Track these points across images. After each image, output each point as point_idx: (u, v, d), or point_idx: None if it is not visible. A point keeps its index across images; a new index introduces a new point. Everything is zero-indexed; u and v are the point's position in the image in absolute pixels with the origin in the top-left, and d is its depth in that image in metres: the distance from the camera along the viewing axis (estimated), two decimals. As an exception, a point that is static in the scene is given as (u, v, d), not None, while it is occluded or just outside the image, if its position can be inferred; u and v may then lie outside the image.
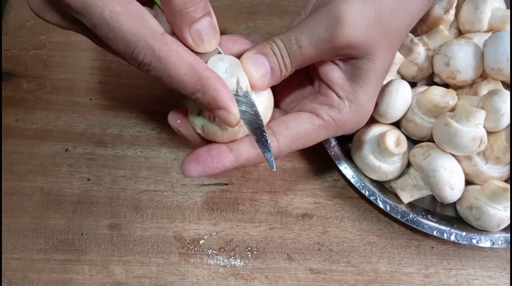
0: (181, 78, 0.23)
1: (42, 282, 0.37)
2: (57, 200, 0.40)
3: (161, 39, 0.23)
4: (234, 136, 0.28)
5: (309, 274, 0.38)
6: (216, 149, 0.28)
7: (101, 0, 0.22)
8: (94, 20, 0.22)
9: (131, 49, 0.23)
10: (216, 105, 0.24)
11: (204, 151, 0.28)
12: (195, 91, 0.24)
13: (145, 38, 0.22)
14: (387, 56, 0.29)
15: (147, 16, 0.23)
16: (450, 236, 0.37)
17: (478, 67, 0.38)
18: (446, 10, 0.41)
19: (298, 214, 0.40)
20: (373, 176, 0.39)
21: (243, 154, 0.28)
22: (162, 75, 0.23)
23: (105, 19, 0.22)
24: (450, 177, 0.35)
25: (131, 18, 0.22)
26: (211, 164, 0.27)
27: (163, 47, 0.23)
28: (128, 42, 0.23)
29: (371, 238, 0.40)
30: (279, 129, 0.29)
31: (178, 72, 0.23)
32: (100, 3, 0.22)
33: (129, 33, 0.22)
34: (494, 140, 0.37)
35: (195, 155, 0.28)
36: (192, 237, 0.39)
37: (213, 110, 0.25)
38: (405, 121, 0.40)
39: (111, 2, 0.22)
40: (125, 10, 0.22)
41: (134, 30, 0.22)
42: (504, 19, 0.41)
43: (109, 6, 0.22)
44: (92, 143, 0.42)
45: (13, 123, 0.42)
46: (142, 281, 0.37)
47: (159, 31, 0.23)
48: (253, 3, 0.50)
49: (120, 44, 0.23)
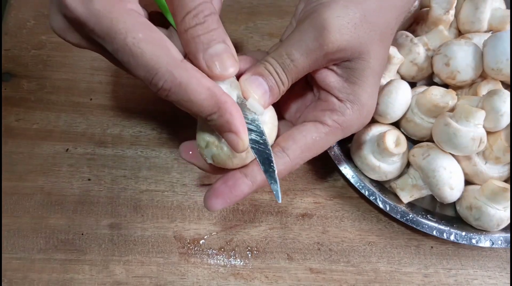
0: (200, 103, 0.24)
1: (42, 282, 0.37)
2: (57, 200, 0.40)
3: (181, 65, 0.24)
4: (243, 161, 0.28)
5: (309, 274, 0.38)
6: (232, 179, 0.28)
7: (125, 27, 0.23)
8: (117, 46, 0.23)
9: (152, 75, 0.24)
10: (229, 128, 0.25)
11: (221, 184, 0.28)
12: (212, 113, 0.25)
13: (166, 65, 0.23)
14: (380, 52, 0.29)
15: (168, 43, 0.24)
16: (450, 236, 0.37)
17: (478, 67, 0.38)
18: (446, 10, 0.41)
19: (298, 214, 0.40)
20: (372, 176, 0.39)
21: (258, 176, 0.28)
22: (181, 99, 0.24)
23: (128, 45, 0.23)
24: (449, 177, 0.35)
25: (153, 45, 0.23)
26: (230, 195, 0.28)
27: (184, 73, 0.24)
28: (150, 68, 0.23)
29: (371, 238, 0.40)
30: (287, 144, 0.29)
31: (198, 97, 0.24)
32: (124, 30, 0.23)
33: (151, 59, 0.23)
34: (493, 140, 0.37)
35: (213, 190, 0.28)
36: (192, 237, 0.39)
37: (224, 132, 0.25)
38: (404, 121, 0.40)
39: (134, 29, 0.23)
40: (147, 37, 0.23)
41: (156, 57, 0.23)
42: (504, 19, 0.41)
43: (132, 33, 0.23)
44: (92, 143, 0.42)
45: (13, 123, 0.42)
46: (142, 280, 0.37)
47: (179, 58, 0.24)
48: (253, 4, 0.50)
49: (141, 70, 0.24)
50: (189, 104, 0.24)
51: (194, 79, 0.24)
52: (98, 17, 0.23)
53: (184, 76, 0.24)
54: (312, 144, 0.29)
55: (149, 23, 0.24)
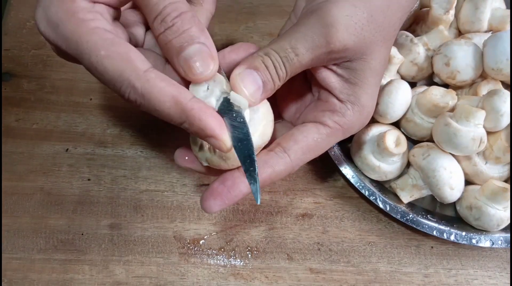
0: (167, 112, 0.24)
1: (42, 282, 0.37)
2: (57, 200, 0.40)
3: (143, 76, 0.24)
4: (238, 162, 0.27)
5: (309, 274, 0.38)
6: (231, 179, 0.28)
7: (89, 47, 0.24)
8: (86, 64, 0.24)
9: (118, 89, 0.24)
10: (205, 134, 0.24)
11: (219, 184, 0.28)
12: (182, 122, 0.24)
13: (128, 78, 0.23)
14: (381, 53, 0.29)
15: (132, 54, 0.24)
16: (450, 236, 0.37)
17: (478, 67, 0.38)
18: (446, 10, 0.41)
19: (298, 214, 0.40)
20: (373, 176, 0.39)
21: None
22: (149, 110, 0.24)
23: (93, 64, 0.24)
24: (449, 177, 0.35)
25: (115, 60, 0.24)
26: (228, 195, 0.27)
27: (145, 84, 0.23)
28: (115, 82, 0.24)
29: (371, 238, 0.40)
30: (288, 145, 0.29)
31: (162, 106, 0.24)
32: (87, 49, 0.24)
33: (114, 74, 0.24)
34: (493, 140, 0.37)
35: (210, 191, 0.28)
36: (192, 237, 0.39)
37: (203, 138, 0.25)
38: (404, 121, 0.40)
39: (97, 47, 0.24)
40: (110, 53, 0.24)
41: (118, 71, 0.24)
42: (504, 19, 0.41)
43: (95, 51, 0.24)
44: (92, 143, 0.42)
45: (13, 123, 0.42)
46: (142, 281, 0.37)
47: (142, 68, 0.24)
48: (253, 4, 0.50)
49: (110, 85, 0.24)
50: (158, 113, 0.24)
51: (155, 89, 0.24)
52: (66, 40, 0.24)
53: (146, 86, 0.23)
54: (314, 145, 0.29)
55: (113, 38, 0.24)
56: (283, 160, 0.28)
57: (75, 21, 0.24)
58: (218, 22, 0.48)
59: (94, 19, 0.25)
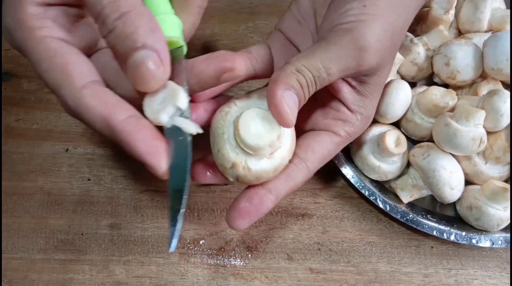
0: (100, 131, 0.23)
1: (42, 282, 0.37)
2: (57, 200, 0.40)
3: (76, 93, 0.23)
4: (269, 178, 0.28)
5: (309, 274, 0.38)
6: (257, 197, 0.27)
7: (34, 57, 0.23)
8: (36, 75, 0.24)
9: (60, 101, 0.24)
10: (138, 158, 0.23)
11: (245, 203, 0.27)
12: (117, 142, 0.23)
13: (63, 94, 0.23)
14: (390, 67, 0.30)
15: (71, 67, 0.23)
16: (450, 236, 0.37)
17: (478, 67, 0.38)
18: (446, 10, 0.41)
19: (298, 214, 0.40)
20: (373, 176, 0.39)
21: (282, 191, 0.28)
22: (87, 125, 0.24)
23: (39, 74, 0.24)
24: (449, 177, 0.35)
25: (54, 73, 0.23)
26: (255, 212, 0.27)
27: (76, 102, 0.23)
28: (56, 95, 0.24)
29: (371, 238, 0.40)
30: (306, 155, 0.29)
31: (95, 126, 0.23)
32: (33, 60, 0.23)
33: (53, 88, 0.23)
34: (494, 140, 0.37)
35: (238, 211, 0.27)
36: (192, 237, 0.39)
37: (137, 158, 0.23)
38: (405, 121, 0.40)
39: (40, 59, 0.23)
40: (50, 66, 0.23)
41: (56, 85, 0.23)
42: (504, 19, 0.41)
43: (39, 63, 0.23)
44: (92, 143, 0.42)
45: (13, 123, 0.42)
46: (142, 280, 0.37)
47: (78, 84, 0.23)
48: (253, 4, 0.50)
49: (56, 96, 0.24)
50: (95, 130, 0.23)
51: (84, 108, 0.22)
52: (21, 50, 0.24)
53: (78, 104, 0.23)
54: (328, 154, 0.30)
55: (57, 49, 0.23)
56: (303, 172, 0.29)
57: (24, 29, 0.23)
58: (218, 22, 0.48)
59: (42, 27, 0.23)
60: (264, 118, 0.26)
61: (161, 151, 0.23)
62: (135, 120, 0.23)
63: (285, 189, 0.28)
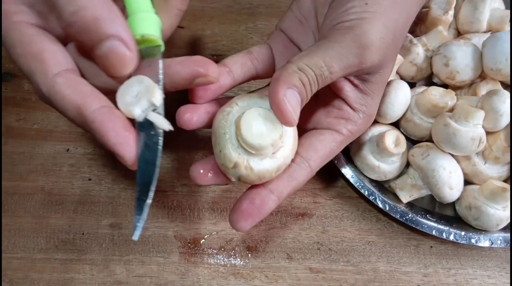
0: (72, 120, 0.23)
1: (43, 281, 0.37)
2: (58, 199, 0.40)
3: (50, 81, 0.23)
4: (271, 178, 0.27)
5: (309, 273, 0.38)
6: (259, 198, 0.27)
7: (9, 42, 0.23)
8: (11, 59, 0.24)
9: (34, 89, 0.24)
10: (108, 148, 0.23)
11: (248, 204, 0.27)
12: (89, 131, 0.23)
13: (37, 81, 0.23)
14: (392, 65, 0.30)
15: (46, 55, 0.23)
16: (449, 236, 0.37)
17: (477, 67, 0.39)
18: (445, 10, 0.41)
19: (298, 214, 0.40)
20: (372, 176, 0.39)
21: (284, 191, 0.28)
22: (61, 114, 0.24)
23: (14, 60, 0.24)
24: (449, 177, 0.36)
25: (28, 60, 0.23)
26: (258, 214, 0.27)
27: (51, 90, 0.23)
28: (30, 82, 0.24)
29: (371, 238, 0.40)
30: (308, 154, 0.29)
31: (67, 114, 0.23)
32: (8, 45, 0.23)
33: (27, 74, 0.24)
34: (493, 140, 0.37)
35: (240, 212, 0.27)
36: (192, 237, 0.39)
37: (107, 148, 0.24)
38: (404, 121, 0.40)
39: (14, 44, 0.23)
40: (23, 52, 0.23)
41: (30, 71, 0.23)
42: (503, 20, 0.41)
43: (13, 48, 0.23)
44: (93, 143, 0.42)
45: (14, 123, 0.42)
46: (142, 280, 0.37)
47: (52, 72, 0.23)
48: (253, 4, 0.50)
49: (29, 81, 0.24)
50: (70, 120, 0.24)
51: (59, 96, 0.23)
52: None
53: (51, 92, 0.23)
54: (330, 153, 0.30)
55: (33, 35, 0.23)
56: (305, 171, 0.28)
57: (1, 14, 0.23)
58: (218, 23, 0.49)
59: (18, 12, 0.24)
60: (266, 118, 0.26)
61: (131, 142, 0.23)
62: (108, 110, 0.23)
63: (288, 189, 0.28)
